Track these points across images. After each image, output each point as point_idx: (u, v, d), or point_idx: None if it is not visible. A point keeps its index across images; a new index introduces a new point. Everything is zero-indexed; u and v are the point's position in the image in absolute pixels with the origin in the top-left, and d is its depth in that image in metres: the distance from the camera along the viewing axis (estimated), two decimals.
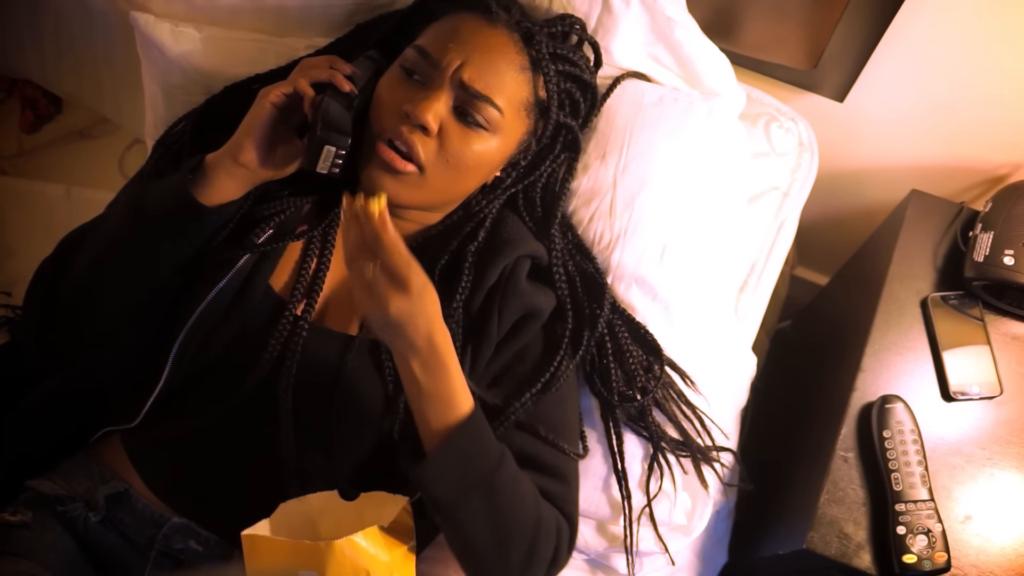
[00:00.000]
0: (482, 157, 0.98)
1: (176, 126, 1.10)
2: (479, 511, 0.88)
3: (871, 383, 1.15)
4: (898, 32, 1.23)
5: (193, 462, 0.98)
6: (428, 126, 0.92)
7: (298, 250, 1.01)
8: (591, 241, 1.14)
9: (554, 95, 1.03)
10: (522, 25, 1.00)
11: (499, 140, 0.98)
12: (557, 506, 0.98)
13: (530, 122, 1.02)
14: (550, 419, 1.01)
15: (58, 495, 0.99)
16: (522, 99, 0.99)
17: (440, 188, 0.98)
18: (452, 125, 0.95)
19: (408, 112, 0.93)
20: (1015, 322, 1.20)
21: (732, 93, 1.20)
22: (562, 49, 1.04)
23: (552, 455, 1.00)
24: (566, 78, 1.05)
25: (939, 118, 1.37)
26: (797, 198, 1.29)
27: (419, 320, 0.82)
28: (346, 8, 1.17)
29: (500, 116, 0.96)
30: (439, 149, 0.95)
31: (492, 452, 0.89)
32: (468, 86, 0.94)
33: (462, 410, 0.87)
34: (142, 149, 1.38)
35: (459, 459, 0.87)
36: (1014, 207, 1.19)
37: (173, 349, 0.94)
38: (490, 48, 0.96)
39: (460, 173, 0.98)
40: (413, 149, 0.93)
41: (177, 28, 1.16)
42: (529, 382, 1.01)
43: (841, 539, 1.05)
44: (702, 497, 1.14)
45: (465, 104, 0.94)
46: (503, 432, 0.98)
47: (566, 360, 1.03)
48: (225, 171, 0.93)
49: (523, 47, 0.98)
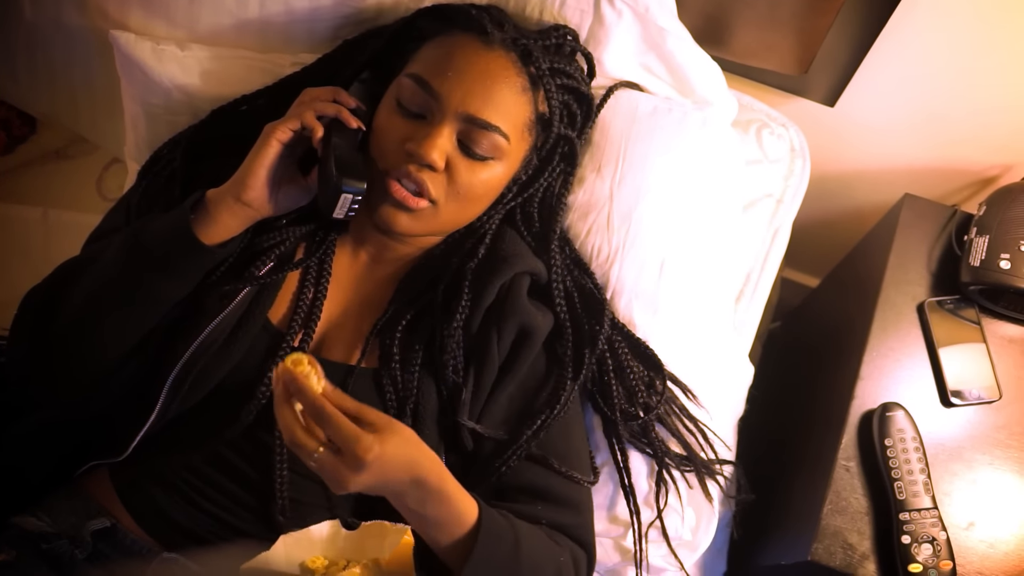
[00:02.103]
0: (490, 184, 0.97)
1: (162, 151, 1.08)
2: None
3: (870, 391, 1.14)
4: (889, 37, 1.23)
5: (184, 496, 0.96)
6: (435, 165, 0.91)
7: (295, 281, 1.00)
8: (589, 255, 1.12)
9: (556, 110, 1.02)
10: (519, 43, 0.98)
11: (506, 165, 0.98)
12: (573, 536, 0.97)
13: (532, 139, 1.01)
14: (558, 447, 1.00)
15: (43, 532, 0.97)
16: (525, 120, 0.98)
17: (452, 217, 0.98)
18: (458, 158, 0.93)
19: (412, 152, 0.91)
20: (1012, 325, 1.20)
21: (725, 101, 1.19)
22: (559, 63, 1.03)
23: (564, 486, 0.99)
24: (565, 91, 1.04)
25: (929, 121, 1.37)
26: (791, 205, 1.29)
27: (391, 475, 0.77)
28: (332, 23, 1.15)
29: (507, 143, 0.95)
30: (448, 183, 0.94)
31: (507, 537, 0.87)
32: (474, 117, 0.92)
33: (470, 520, 0.84)
34: (121, 169, 1.34)
35: (486, 561, 0.84)
36: (1008, 210, 1.19)
37: (168, 382, 0.91)
38: (491, 75, 0.94)
39: (470, 202, 0.97)
40: (423, 187, 0.92)
41: (159, 47, 1.13)
42: (534, 411, 1.00)
43: (845, 549, 1.04)
44: (707, 512, 1.13)
45: (470, 135, 0.93)
46: (514, 466, 0.96)
47: (570, 382, 1.02)
48: (228, 209, 0.90)
49: (522, 67, 0.97)
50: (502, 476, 0.97)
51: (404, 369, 0.96)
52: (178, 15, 1.15)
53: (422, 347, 0.97)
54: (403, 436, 0.78)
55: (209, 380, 0.92)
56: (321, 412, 0.73)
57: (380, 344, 0.98)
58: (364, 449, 0.73)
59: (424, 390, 0.96)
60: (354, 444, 0.73)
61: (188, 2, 1.14)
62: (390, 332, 0.98)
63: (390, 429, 0.77)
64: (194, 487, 0.95)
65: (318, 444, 0.74)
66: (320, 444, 0.74)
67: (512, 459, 0.97)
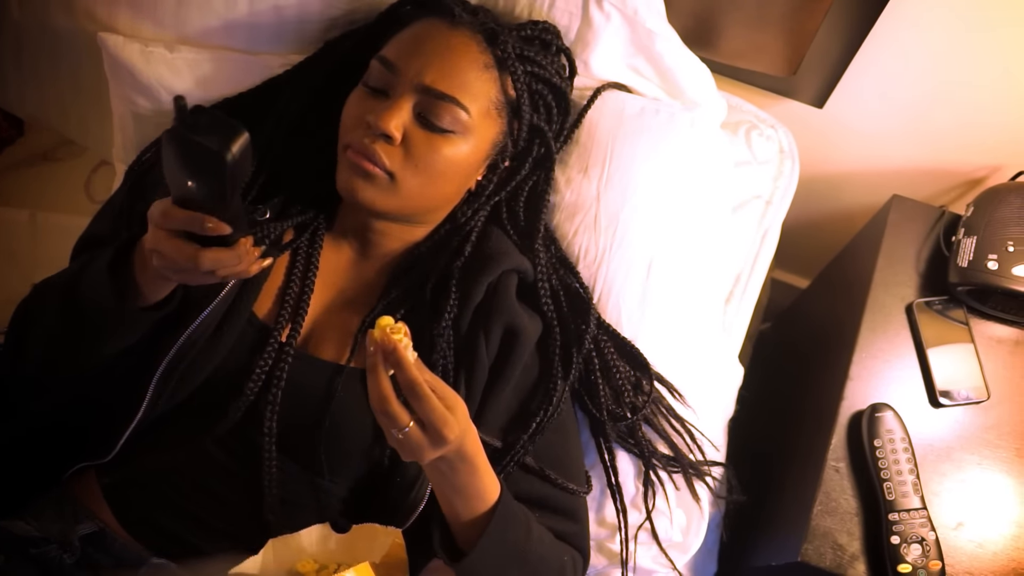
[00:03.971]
0: (453, 160, 0.96)
1: (146, 153, 1.08)
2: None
3: (859, 391, 1.15)
4: (877, 39, 1.24)
5: (171, 498, 0.95)
6: (390, 134, 0.91)
7: (281, 276, 0.99)
8: (576, 256, 1.12)
9: (524, 94, 1.01)
10: (486, 26, 0.98)
11: (471, 142, 0.97)
12: (572, 544, 0.98)
13: (502, 122, 1.00)
14: (554, 455, 1.00)
15: (31, 537, 0.96)
16: (490, 98, 0.97)
17: (416, 194, 0.96)
18: (416, 131, 0.93)
19: (370, 122, 0.91)
20: (1000, 326, 1.21)
21: (713, 103, 1.20)
22: (529, 51, 1.02)
23: (559, 495, 1.00)
24: (535, 79, 1.03)
25: (918, 123, 1.38)
26: (780, 206, 1.29)
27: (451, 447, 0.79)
28: (321, 24, 1.15)
29: (467, 116, 0.94)
30: (406, 156, 0.93)
31: (521, 524, 0.89)
32: (430, 88, 0.92)
33: (491, 499, 0.85)
34: (109, 171, 1.33)
35: (498, 544, 0.85)
36: (995, 211, 1.19)
37: (153, 380, 0.91)
38: (451, 48, 0.95)
39: (433, 178, 0.96)
40: (376, 157, 0.92)
41: (147, 49, 1.13)
42: (528, 415, 1.00)
43: (835, 550, 1.04)
44: (696, 513, 1.13)
45: (429, 107, 0.93)
46: (512, 474, 0.97)
47: (560, 383, 1.02)
48: (152, 281, 0.84)
49: (486, 47, 0.97)
50: None
51: None
52: (166, 17, 1.15)
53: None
54: (465, 411, 0.80)
55: (196, 376, 0.92)
56: (416, 389, 0.74)
57: None
58: (450, 430, 0.76)
59: None
60: (443, 425, 0.75)
61: (176, 4, 1.14)
62: None
63: (460, 406, 0.79)
64: (181, 488, 0.95)
65: (409, 419, 0.75)
66: (411, 419, 0.75)
67: (510, 465, 0.97)
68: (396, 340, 0.74)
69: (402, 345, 0.74)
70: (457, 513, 0.85)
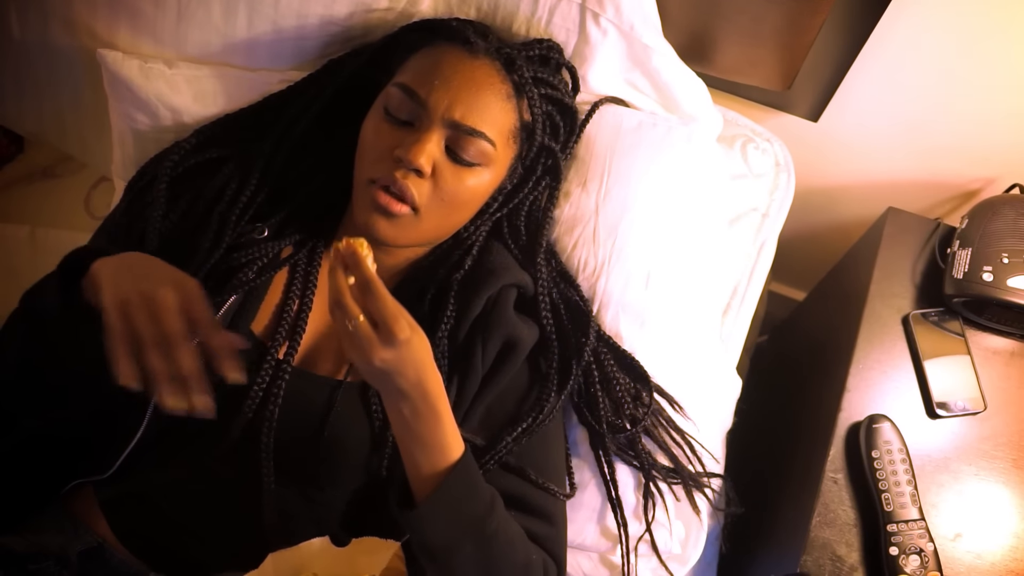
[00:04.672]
0: (476, 191, 0.98)
1: (147, 168, 1.08)
2: (471, 557, 0.86)
3: (857, 403, 1.15)
4: (871, 53, 1.25)
5: (170, 514, 0.95)
6: (422, 169, 0.91)
7: (279, 294, 0.99)
8: (575, 268, 1.13)
9: (539, 118, 1.02)
10: (502, 52, 0.99)
11: (492, 171, 0.98)
12: (545, 548, 0.97)
13: (517, 147, 1.02)
14: (536, 459, 1.00)
15: (29, 552, 0.95)
16: (510, 127, 0.98)
17: (436, 225, 0.98)
18: (445, 164, 0.94)
19: (400, 157, 0.91)
20: (996, 337, 1.21)
21: (710, 117, 1.20)
22: (542, 72, 1.04)
23: (539, 496, 1.00)
24: (548, 101, 1.05)
25: (912, 136, 1.39)
26: (776, 219, 1.30)
27: (407, 368, 0.80)
28: (319, 41, 1.15)
29: (493, 149, 0.96)
30: (433, 189, 0.94)
31: (483, 497, 0.88)
32: (460, 124, 0.93)
33: (453, 455, 0.85)
34: (109, 187, 1.34)
35: (451, 505, 0.85)
36: (990, 223, 1.20)
37: (153, 399, 0.90)
38: (476, 82, 0.95)
39: (455, 209, 0.97)
40: (408, 193, 0.92)
41: (146, 65, 1.13)
42: (516, 419, 1.00)
43: (834, 562, 1.04)
44: (695, 525, 1.13)
45: (457, 142, 0.94)
46: (489, 473, 0.97)
47: (554, 394, 1.02)
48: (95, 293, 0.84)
49: (506, 75, 0.98)
50: None
51: None
52: (165, 34, 1.15)
53: None
54: (426, 343, 0.82)
55: None
56: (372, 286, 0.77)
57: None
58: (400, 328, 0.77)
59: None
60: (393, 321, 0.77)
61: (176, 20, 1.14)
62: None
63: (420, 330, 0.81)
64: (179, 504, 0.94)
65: (360, 313, 0.77)
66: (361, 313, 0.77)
67: (491, 463, 0.97)
68: (358, 246, 0.78)
69: (362, 255, 0.78)
70: (418, 465, 0.85)
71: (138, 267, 0.84)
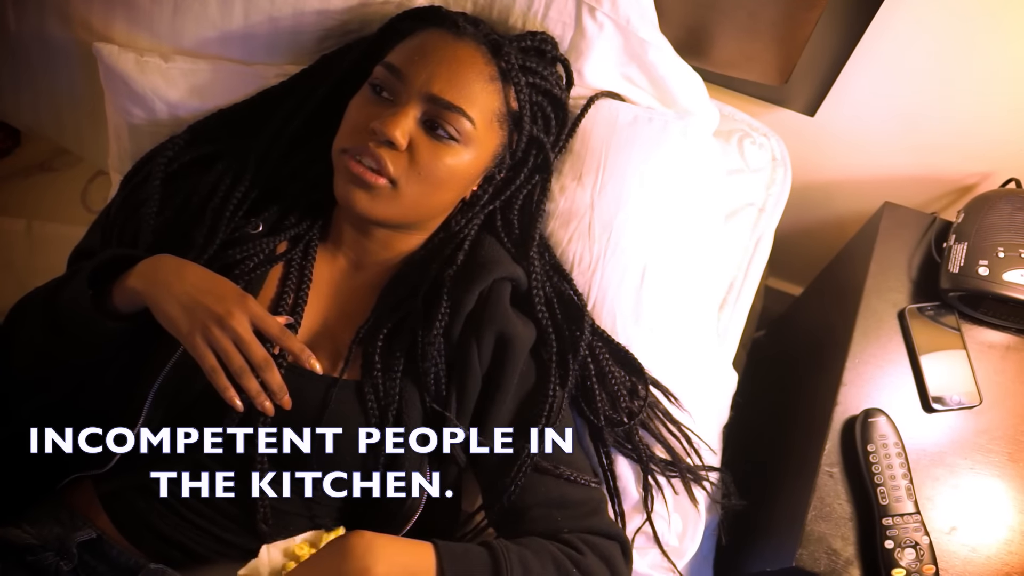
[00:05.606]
0: (455, 169, 0.97)
1: (143, 162, 1.08)
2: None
3: (853, 397, 1.15)
4: (867, 47, 1.25)
5: (168, 506, 0.95)
6: (396, 141, 0.91)
7: (274, 289, 1.00)
8: (570, 263, 1.13)
9: (526, 106, 1.02)
10: (490, 38, 0.99)
11: (472, 152, 0.97)
12: (602, 533, 0.97)
13: (503, 134, 1.01)
14: (561, 455, 1.00)
15: (28, 544, 0.95)
16: (494, 109, 0.98)
17: (415, 202, 0.97)
18: (422, 139, 0.94)
19: (375, 128, 0.92)
20: (991, 331, 1.21)
21: (706, 111, 1.20)
22: (532, 62, 1.04)
23: (578, 491, 0.99)
24: (536, 91, 1.05)
25: (909, 131, 1.39)
26: (772, 214, 1.30)
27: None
28: (315, 35, 1.15)
29: (472, 127, 0.95)
30: (410, 163, 0.94)
31: (480, 557, 0.87)
32: (437, 97, 0.93)
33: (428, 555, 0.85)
34: (105, 181, 1.34)
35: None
36: (986, 217, 1.20)
37: (150, 394, 0.91)
38: (458, 59, 0.95)
39: (434, 186, 0.96)
40: (382, 163, 0.92)
41: (142, 58, 1.13)
42: (530, 423, 0.99)
43: (830, 555, 1.04)
44: (693, 517, 1.13)
45: (435, 116, 0.94)
46: (524, 479, 0.96)
47: (559, 390, 1.02)
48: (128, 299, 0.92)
49: (491, 58, 0.98)
50: (512, 495, 0.96)
51: (385, 377, 0.96)
52: (162, 27, 1.15)
53: (403, 355, 0.97)
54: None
55: (191, 390, 0.92)
56: None
57: (363, 353, 0.98)
58: None
59: (407, 398, 0.96)
60: None
61: (172, 14, 1.14)
62: (372, 341, 0.98)
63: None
64: (177, 496, 0.94)
65: None
66: None
67: (519, 477, 0.96)
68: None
69: None
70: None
71: (191, 282, 0.89)
